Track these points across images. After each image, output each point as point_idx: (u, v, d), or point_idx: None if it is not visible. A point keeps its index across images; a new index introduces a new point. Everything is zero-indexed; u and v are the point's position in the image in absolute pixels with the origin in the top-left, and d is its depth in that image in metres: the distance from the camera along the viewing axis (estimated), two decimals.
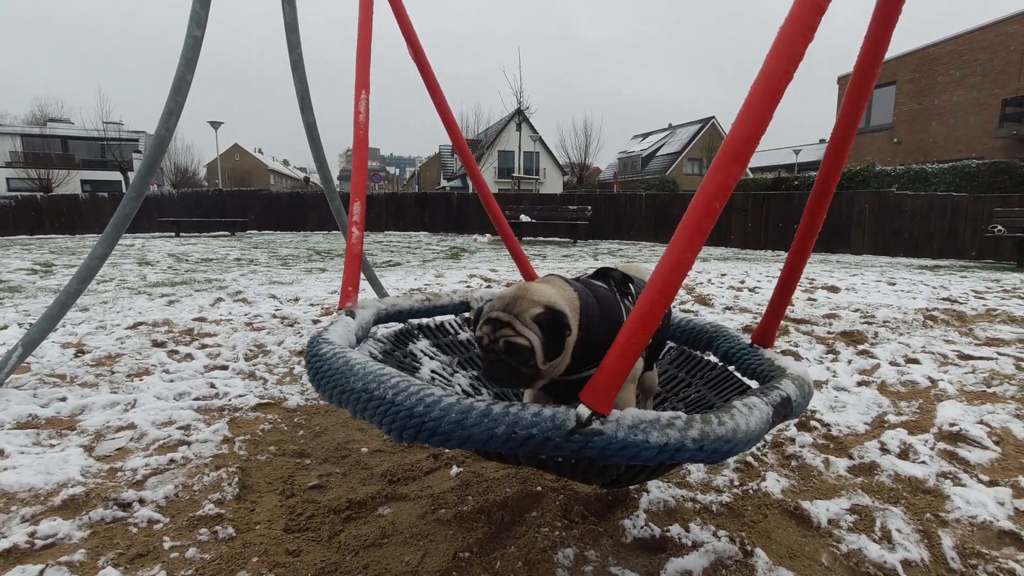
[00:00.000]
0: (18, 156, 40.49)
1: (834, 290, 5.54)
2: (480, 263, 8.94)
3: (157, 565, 1.47)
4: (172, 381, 2.89)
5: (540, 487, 1.86)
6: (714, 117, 47.96)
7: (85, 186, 39.07)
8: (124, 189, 32.86)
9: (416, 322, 2.08)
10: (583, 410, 1.00)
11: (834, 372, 3.06)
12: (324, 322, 4.26)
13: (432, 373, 1.86)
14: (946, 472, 1.98)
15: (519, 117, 34.62)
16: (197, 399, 2.67)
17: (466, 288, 5.78)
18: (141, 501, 1.77)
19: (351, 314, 1.65)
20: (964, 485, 1.89)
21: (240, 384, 2.88)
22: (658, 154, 50.59)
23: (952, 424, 2.31)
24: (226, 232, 17.65)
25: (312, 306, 4.95)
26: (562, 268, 8.45)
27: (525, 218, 15.72)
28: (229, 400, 2.66)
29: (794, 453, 2.16)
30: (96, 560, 1.49)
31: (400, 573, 1.46)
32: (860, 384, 2.88)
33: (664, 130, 54.04)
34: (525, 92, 31.78)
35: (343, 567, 1.48)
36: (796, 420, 2.42)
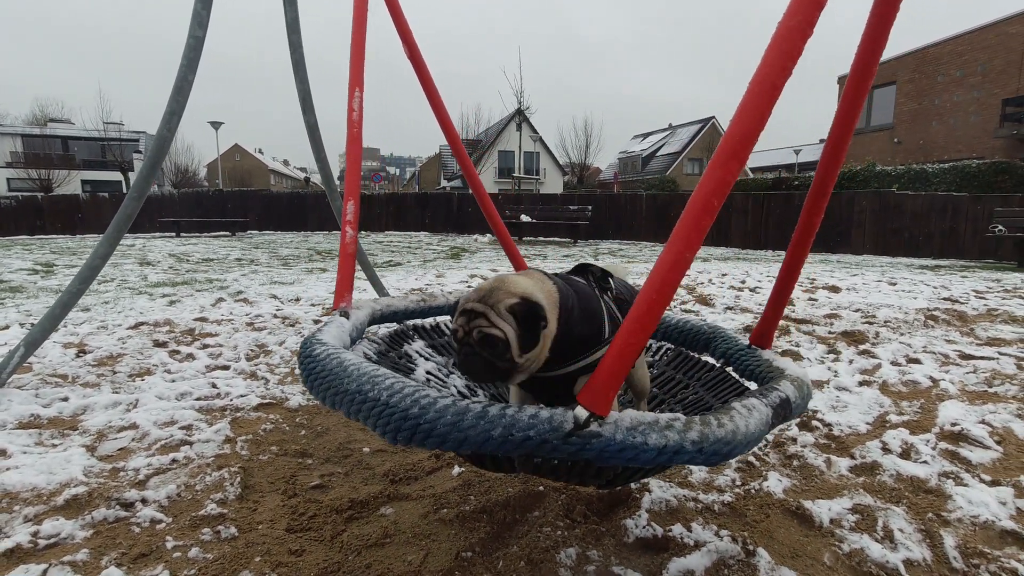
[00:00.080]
0: (19, 156, 40.53)
1: (835, 290, 5.54)
2: (481, 263, 8.94)
3: (160, 565, 1.47)
4: (174, 381, 2.89)
5: (542, 487, 1.87)
6: (714, 117, 47.95)
7: (86, 186, 39.10)
8: (125, 189, 32.86)
9: (411, 323, 2.05)
10: (581, 412, 0.98)
11: (835, 372, 3.06)
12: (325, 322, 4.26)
13: (427, 375, 1.84)
14: (948, 472, 1.98)
15: (519, 117, 34.61)
16: (199, 399, 2.67)
17: (466, 288, 5.78)
18: (144, 501, 1.78)
19: (345, 314, 1.63)
20: (966, 485, 1.89)
21: (242, 384, 2.88)
22: (658, 154, 50.59)
23: (954, 424, 2.31)
24: (227, 232, 17.65)
25: (313, 306, 4.95)
26: (562, 268, 8.44)
27: (525, 218, 15.72)
28: (231, 400, 2.66)
29: (796, 453, 2.16)
30: (99, 560, 1.49)
31: (403, 573, 1.46)
32: (861, 384, 2.88)
33: (664, 130, 54.04)
34: (525, 92, 31.79)
35: (346, 567, 1.48)
36: (797, 420, 2.42)
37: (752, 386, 1.56)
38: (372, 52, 2.03)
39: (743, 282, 6.12)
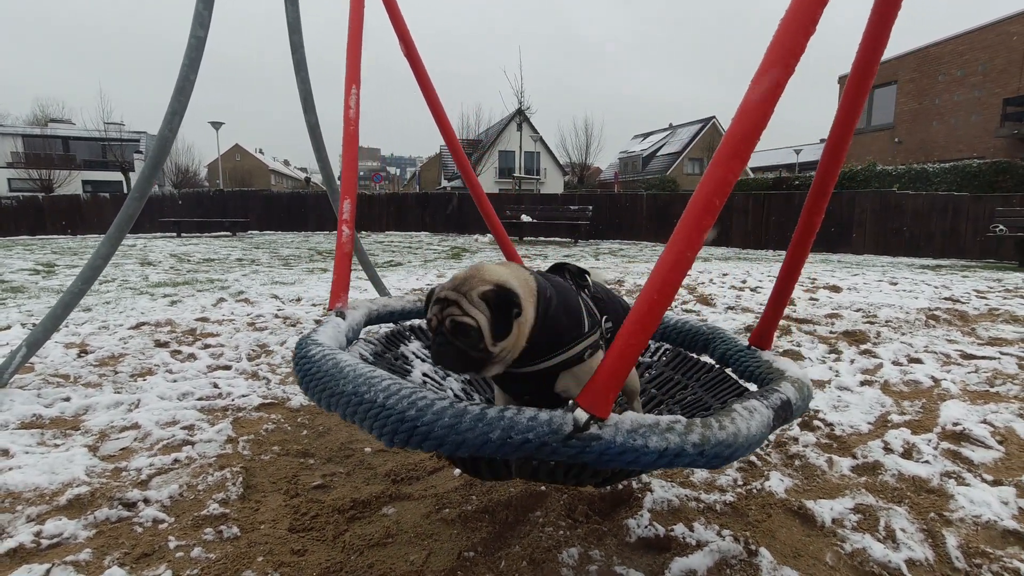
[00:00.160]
0: (19, 156, 40.57)
1: (836, 290, 5.54)
2: None
3: (163, 564, 1.47)
4: (175, 381, 2.89)
5: (544, 487, 1.87)
6: (714, 117, 47.93)
7: (86, 186, 39.12)
8: (125, 189, 32.89)
9: (408, 323, 2.03)
10: (580, 414, 0.97)
11: (837, 372, 3.06)
12: None
13: (424, 376, 1.83)
14: (950, 471, 1.98)
15: (520, 117, 34.62)
16: (201, 399, 2.67)
17: None
18: (146, 501, 1.78)
19: (341, 315, 1.61)
20: (968, 484, 1.89)
21: (243, 384, 2.88)
22: (659, 154, 50.59)
23: (955, 424, 2.31)
24: (227, 232, 17.66)
25: (314, 306, 4.95)
26: None
27: (526, 218, 15.72)
28: (232, 400, 2.66)
29: (797, 452, 2.16)
30: (102, 560, 1.49)
31: (405, 572, 1.46)
32: (863, 384, 2.88)
33: (665, 130, 54.03)
34: (526, 92, 31.83)
35: (348, 566, 1.48)
36: (798, 420, 2.42)
37: (752, 387, 1.55)
38: (374, 54, 2.04)
39: (744, 282, 6.11)
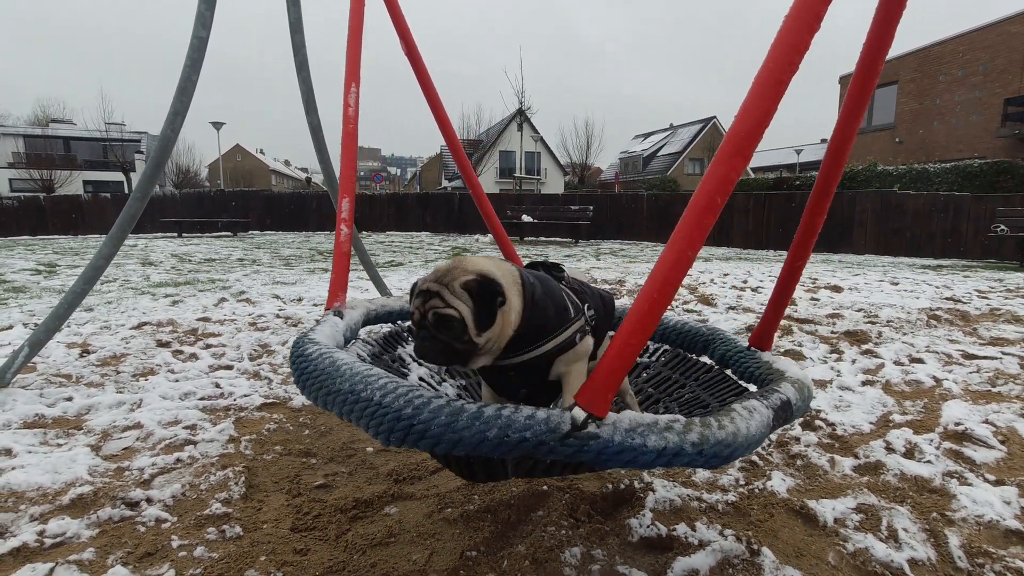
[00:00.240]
0: (20, 157, 40.61)
1: (837, 290, 5.54)
2: None
3: (166, 564, 1.48)
4: (177, 381, 2.90)
5: (546, 486, 1.87)
6: (715, 117, 47.91)
7: (87, 187, 39.16)
8: (127, 190, 32.94)
9: (407, 324, 2.02)
10: (579, 413, 0.96)
11: (838, 372, 3.06)
12: None
13: (420, 381, 1.82)
14: (952, 471, 1.98)
15: (520, 117, 34.62)
16: (203, 399, 2.67)
17: None
18: (149, 500, 1.78)
19: (339, 314, 1.60)
20: (970, 484, 1.89)
21: (245, 384, 2.89)
22: (659, 154, 50.55)
23: (957, 423, 2.31)
24: (228, 232, 17.66)
25: (315, 306, 4.95)
26: None
27: (527, 218, 15.71)
28: (234, 400, 2.66)
29: (799, 452, 2.16)
30: (105, 559, 1.50)
31: (408, 572, 1.46)
32: (864, 384, 2.87)
33: (665, 130, 54.00)
34: (526, 92, 31.82)
35: (351, 566, 1.48)
36: (800, 420, 2.42)
37: (752, 388, 1.54)
38: (374, 53, 2.04)
39: (745, 282, 6.11)
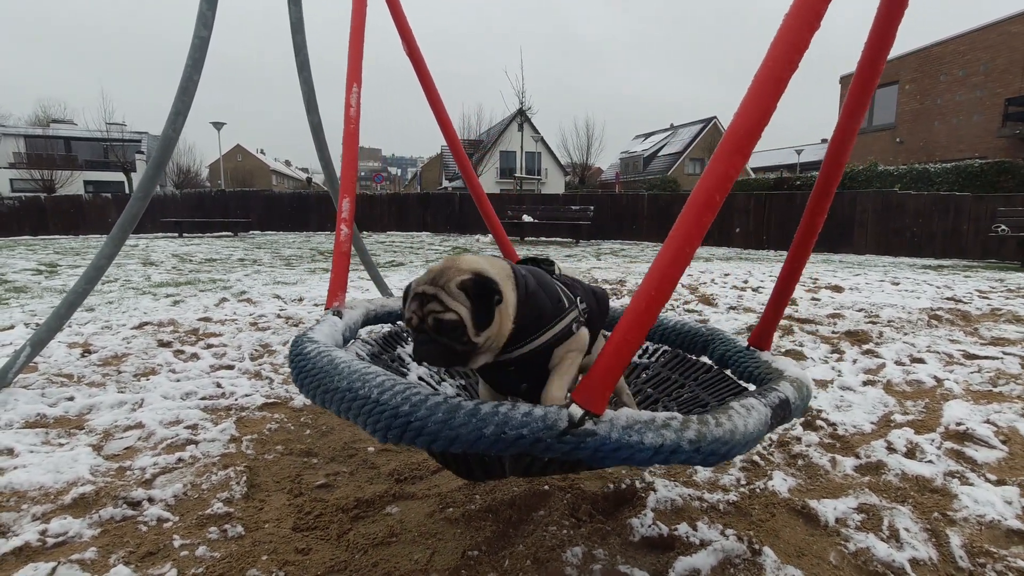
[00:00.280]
0: (21, 157, 40.63)
1: (838, 290, 5.54)
2: None
3: (168, 563, 1.48)
4: (179, 381, 2.90)
5: (547, 486, 1.87)
6: (715, 117, 47.89)
7: (88, 187, 39.15)
8: (127, 190, 32.97)
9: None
10: (576, 410, 0.96)
11: (839, 372, 3.05)
12: None
13: (420, 380, 1.81)
14: (953, 471, 1.98)
15: (521, 117, 34.62)
16: (204, 399, 2.68)
17: None
18: (150, 500, 1.78)
19: (338, 313, 1.61)
20: (971, 484, 1.89)
21: (246, 384, 2.89)
22: (660, 154, 50.54)
23: (959, 423, 2.31)
24: (229, 232, 17.67)
25: (316, 306, 4.96)
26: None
27: (527, 218, 15.72)
28: (236, 400, 2.67)
29: (800, 452, 2.16)
30: (107, 558, 1.50)
31: (409, 571, 1.47)
32: (865, 383, 2.87)
33: (666, 130, 53.99)
34: (527, 92, 31.81)
35: (352, 565, 1.49)
36: (801, 420, 2.42)
37: (751, 387, 1.54)
38: (375, 53, 2.04)
39: (746, 282, 6.11)
